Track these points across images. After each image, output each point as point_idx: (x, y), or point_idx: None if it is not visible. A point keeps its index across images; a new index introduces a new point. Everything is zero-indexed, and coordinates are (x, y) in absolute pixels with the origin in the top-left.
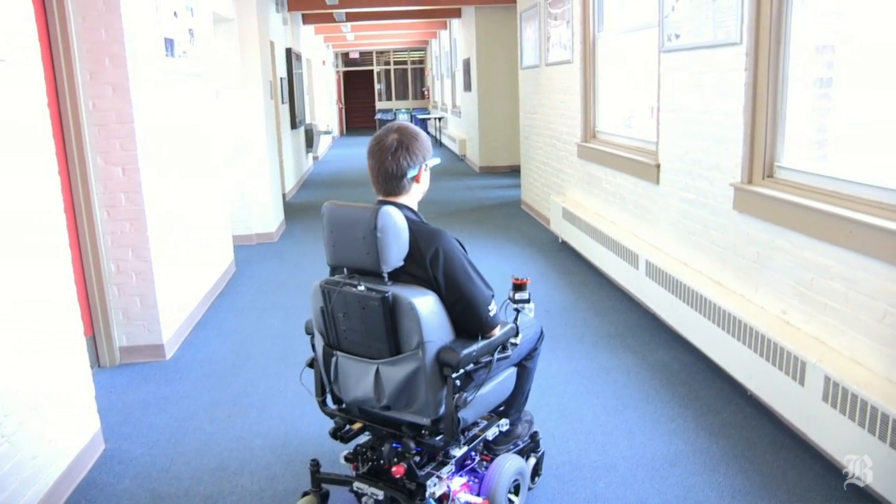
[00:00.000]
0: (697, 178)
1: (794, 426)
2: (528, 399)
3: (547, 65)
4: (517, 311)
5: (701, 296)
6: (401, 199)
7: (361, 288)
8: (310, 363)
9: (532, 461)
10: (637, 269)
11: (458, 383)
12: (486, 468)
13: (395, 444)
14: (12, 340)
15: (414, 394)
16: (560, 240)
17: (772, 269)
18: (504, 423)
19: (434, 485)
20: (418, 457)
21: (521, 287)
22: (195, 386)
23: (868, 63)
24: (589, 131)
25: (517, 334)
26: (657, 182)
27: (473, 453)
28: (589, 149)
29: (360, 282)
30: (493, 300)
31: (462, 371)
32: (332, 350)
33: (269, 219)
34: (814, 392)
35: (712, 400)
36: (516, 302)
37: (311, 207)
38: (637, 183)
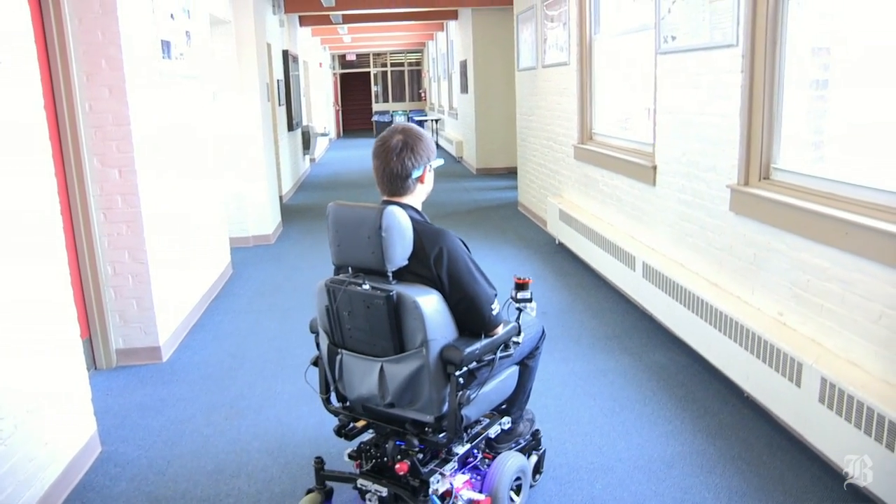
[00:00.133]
0: (694, 180)
1: (791, 427)
2: (529, 398)
3: (543, 67)
4: (519, 311)
5: (698, 297)
6: (405, 200)
7: (366, 287)
8: (314, 361)
9: (534, 459)
10: (634, 271)
11: (462, 381)
12: (489, 466)
13: (399, 442)
14: (8, 342)
15: (418, 391)
16: (557, 241)
17: (768, 271)
18: (506, 421)
19: (437, 482)
20: (421, 454)
21: (524, 286)
22: (192, 388)
23: (863, 65)
24: (585, 133)
25: (519, 333)
26: (654, 184)
27: (476, 451)
28: (585, 150)
29: (365, 281)
30: (496, 299)
31: (465, 369)
32: (337, 348)
33: (266, 221)
34: (810, 393)
35: (709, 401)
36: (518, 301)
37: (308, 210)
38: (634, 185)
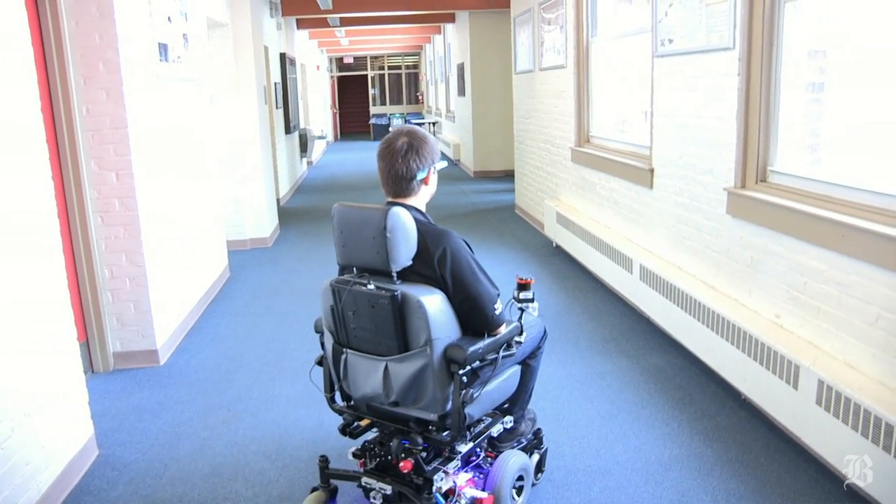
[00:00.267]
0: (691, 183)
1: (788, 430)
2: (531, 398)
3: (541, 69)
4: (521, 310)
5: (695, 300)
6: (409, 201)
7: (371, 287)
8: (319, 361)
9: (535, 458)
10: (631, 274)
11: (465, 380)
12: (491, 464)
13: (403, 441)
14: (5, 343)
15: (422, 390)
16: (554, 244)
17: (765, 273)
18: (508, 421)
19: (441, 479)
20: (425, 452)
21: (526, 286)
22: (189, 391)
23: (859, 68)
24: (583, 136)
25: (521, 333)
26: (651, 186)
27: (478, 450)
28: (583, 153)
29: (370, 280)
30: (499, 299)
31: (469, 368)
32: (342, 348)
33: (264, 224)
34: (807, 396)
35: (706, 404)
36: (520, 301)
37: (306, 212)
38: (631, 187)
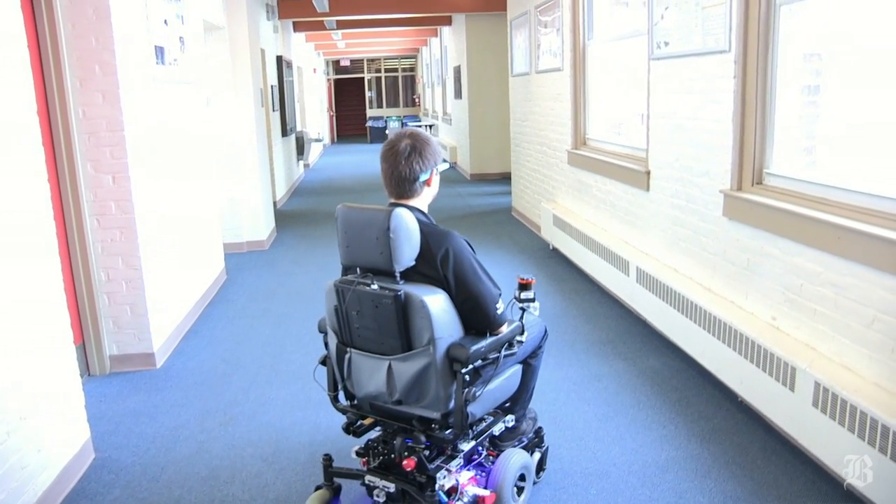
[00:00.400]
0: (687, 185)
1: (785, 432)
2: (532, 397)
3: (537, 72)
4: (523, 310)
5: (691, 302)
6: (412, 202)
7: (375, 287)
8: (322, 361)
9: (537, 456)
10: (628, 276)
11: (468, 378)
12: (493, 463)
13: (406, 440)
14: (0, 347)
15: (425, 388)
16: (551, 247)
17: (762, 276)
18: (510, 419)
19: (444, 477)
20: (427, 451)
21: (527, 286)
22: (186, 395)
23: (855, 70)
24: (579, 138)
25: (523, 332)
26: (647, 189)
27: (480, 448)
28: (579, 156)
29: (374, 281)
30: (501, 298)
31: (471, 367)
32: (346, 347)
33: (260, 226)
34: (804, 398)
35: (703, 406)
36: (522, 301)
37: (303, 215)
38: (627, 190)
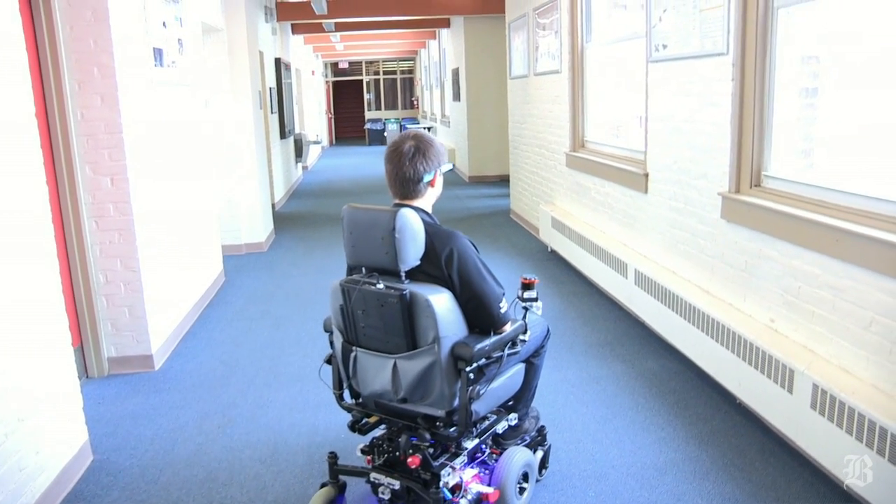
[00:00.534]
0: (685, 188)
1: (783, 434)
2: (535, 395)
3: (535, 75)
4: (525, 310)
5: (690, 304)
6: (416, 203)
7: (380, 286)
8: (328, 360)
9: (539, 454)
10: (626, 278)
11: (472, 377)
12: (496, 460)
13: (412, 437)
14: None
15: (430, 386)
16: (549, 249)
17: (760, 278)
18: (513, 418)
19: (448, 475)
20: (432, 449)
21: (530, 286)
22: (184, 397)
23: (853, 72)
24: (577, 141)
25: (526, 331)
26: (645, 191)
27: (484, 446)
28: (577, 158)
29: (379, 280)
30: (504, 298)
31: (475, 365)
32: (351, 346)
33: (259, 228)
34: (802, 400)
35: (701, 408)
36: (525, 300)
37: (301, 217)
38: (625, 192)
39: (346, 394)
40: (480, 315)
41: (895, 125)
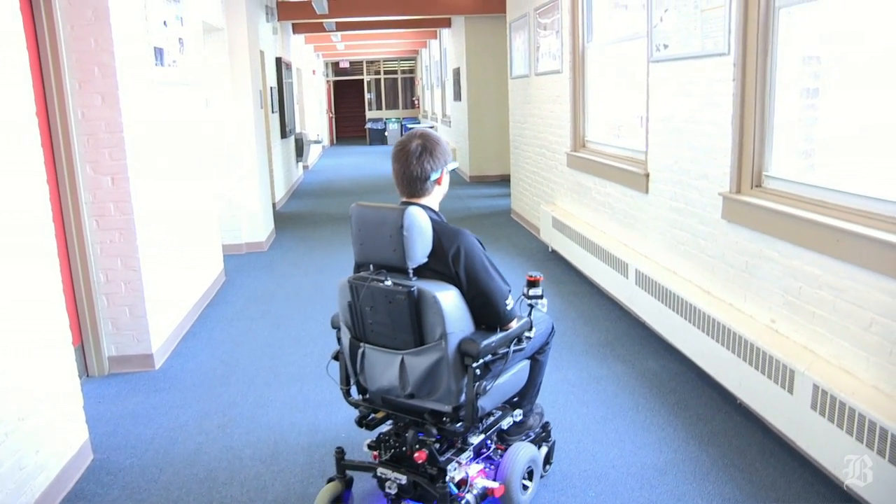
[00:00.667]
0: (686, 188)
1: (783, 434)
2: (539, 392)
3: (536, 74)
4: (531, 307)
5: (690, 305)
6: (423, 201)
7: (388, 283)
8: (335, 356)
9: (544, 450)
10: (627, 278)
11: (478, 372)
12: (501, 456)
13: (418, 433)
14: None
15: (437, 382)
16: (550, 249)
17: (760, 278)
18: (518, 414)
19: (454, 469)
20: (438, 444)
21: (535, 283)
22: (184, 396)
23: (854, 73)
24: (578, 141)
25: (531, 328)
26: (646, 191)
27: (489, 442)
28: (578, 158)
29: (387, 277)
30: (510, 295)
31: (482, 361)
32: (359, 342)
33: (259, 228)
34: (802, 400)
35: (702, 408)
36: (530, 298)
37: (301, 217)
38: (626, 192)
39: (353, 390)
40: (487, 312)
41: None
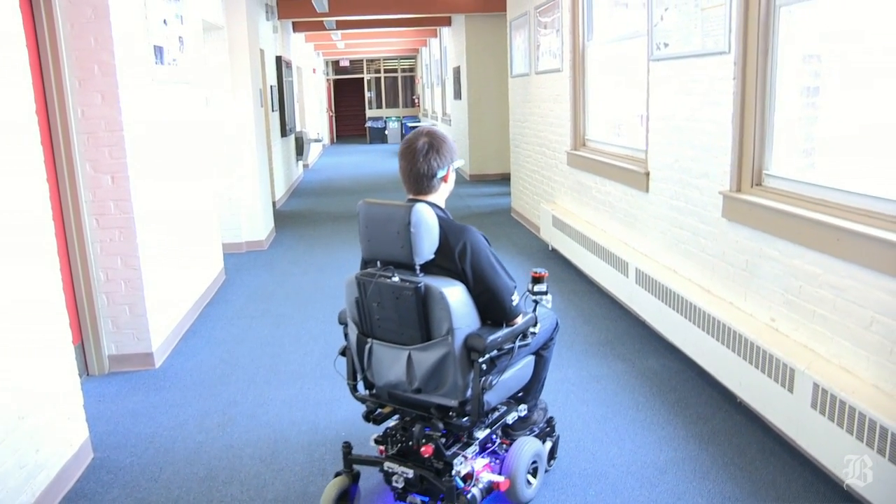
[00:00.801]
0: (686, 187)
1: (784, 433)
2: (543, 387)
3: (536, 73)
4: (536, 303)
5: (690, 303)
6: (430, 198)
7: (396, 279)
8: (342, 352)
9: (548, 445)
10: (627, 277)
11: (484, 367)
12: (506, 451)
13: (426, 427)
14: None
15: (443, 377)
16: (550, 247)
17: (760, 277)
18: (522, 409)
19: (460, 464)
20: (444, 439)
21: (540, 280)
22: (184, 395)
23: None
24: (578, 139)
25: (536, 324)
26: (647, 190)
27: (494, 436)
28: (578, 157)
29: (395, 273)
30: (516, 291)
31: (488, 356)
32: (366, 338)
33: (259, 227)
34: (802, 399)
35: (702, 407)
36: (535, 294)
37: (301, 216)
38: (626, 191)
39: (360, 385)
40: (493, 307)
41: None
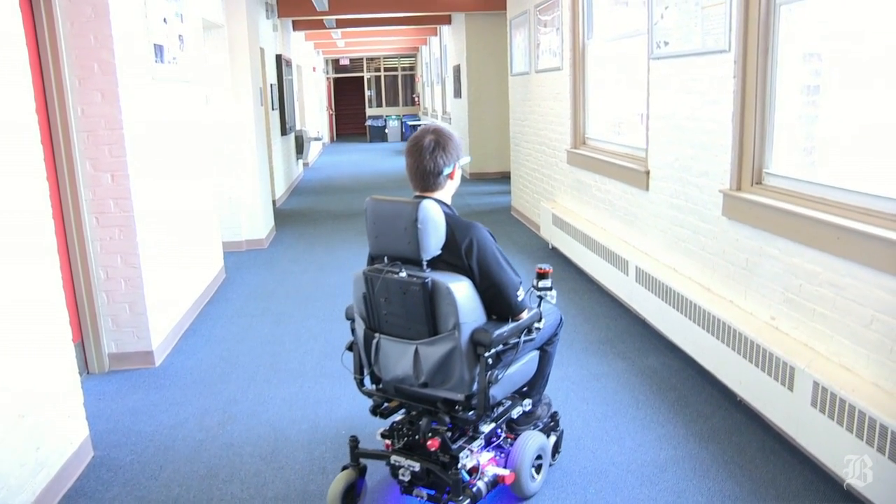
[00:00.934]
0: (687, 185)
1: (784, 431)
2: (548, 383)
3: (537, 72)
4: (540, 298)
5: (691, 302)
6: (436, 195)
7: (403, 274)
8: (349, 346)
9: (553, 439)
10: (627, 276)
11: (490, 362)
12: (511, 445)
13: (432, 422)
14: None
15: (450, 371)
16: (550, 246)
17: (761, 276)
18: (527, 403)
19: (466, 457)
20: (450, 432)
21: (544, 276)
22: (185, 393)
23: (855, 70)
24: (578, 138)
25: (541, 319)
26: (647, 189)
27: (499, 430)
28: (579, 155)
29: (402, 269)
30: (521, 286)
31: (493, 351)
32: (374, 333)
33: (259, 225)
34: (803, 397)
35: (702, 406)
36: (540, 290)
37: (302, 214)
38: (627, 189)
39: (367, 379)
40: (498, 303)
41: None
